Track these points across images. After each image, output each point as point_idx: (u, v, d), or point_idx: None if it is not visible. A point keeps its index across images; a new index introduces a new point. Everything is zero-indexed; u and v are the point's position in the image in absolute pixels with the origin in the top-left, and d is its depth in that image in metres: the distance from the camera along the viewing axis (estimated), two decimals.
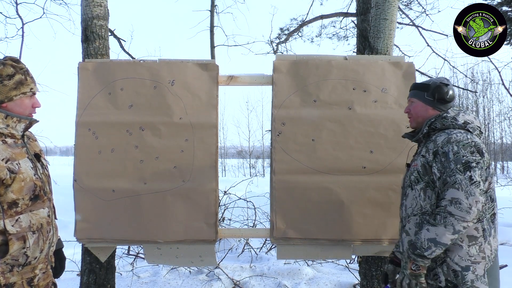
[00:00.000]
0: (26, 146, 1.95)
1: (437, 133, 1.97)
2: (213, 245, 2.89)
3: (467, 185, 1.75)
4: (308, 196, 2.82)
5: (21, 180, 1.82)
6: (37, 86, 1.99)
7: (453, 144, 1.84)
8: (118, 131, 2.88)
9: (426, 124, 2.02)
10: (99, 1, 3.21)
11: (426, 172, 1.95)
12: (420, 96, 2.09)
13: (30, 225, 1.85)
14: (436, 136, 1.95)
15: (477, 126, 1.98)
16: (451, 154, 1.83)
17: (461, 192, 1.75)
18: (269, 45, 9.73)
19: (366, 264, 3.28)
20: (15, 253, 1.80)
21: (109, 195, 2.84)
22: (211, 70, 2.94)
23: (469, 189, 1.74)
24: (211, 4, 9.35)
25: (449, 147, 1.84)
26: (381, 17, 3.21)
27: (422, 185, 1.96)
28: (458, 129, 1.93)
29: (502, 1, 8.52)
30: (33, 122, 1.98)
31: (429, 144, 1.97)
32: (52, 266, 2.05)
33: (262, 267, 4.81)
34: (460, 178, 1.76)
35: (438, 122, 1.99)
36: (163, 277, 4.56)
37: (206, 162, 2.86)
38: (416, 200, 1.99)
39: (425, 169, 1.95)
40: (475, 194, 1.74)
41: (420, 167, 1.98)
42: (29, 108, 1.95)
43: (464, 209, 1.72)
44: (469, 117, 1.98)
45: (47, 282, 2.01)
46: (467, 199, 1.73)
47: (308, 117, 2.87)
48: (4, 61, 1.88)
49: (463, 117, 1.97)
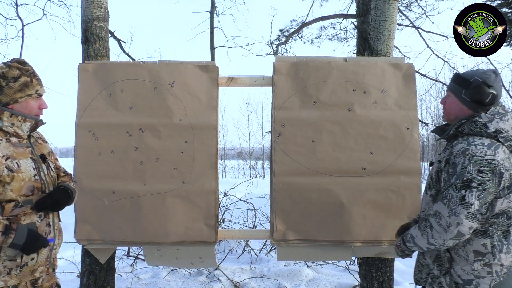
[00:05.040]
0: (32, 146, 1.97)
1: (460, 139, 1.81)
2: (213, 247, 2.89)
3: (455, 203, 1.67)
4: (308, 198, 2.82)
5: (20, 179, 1.82)
6: (43, 88, 2.01)
7: (467, 157, 1.71)
8: (118, 133, 2.88)
9: (454, 125, 1.87)
10: (99, 3, 3.21)
11: (438, 180, 1.86)
12: (458, 92, 1.90)
13: None
14: (456, 142, 1.81)
15: (511, 136, 1.78)
16: (459, 167, 1.71)
17: (446, 208, 1.69)
18: (269, 46, 9.76)
19: (366, 265, 3.28)
20: (10, 253, 1.80)
21: (109, 196, 2.84)
22: (211, 71, 2.94)
23: (455, 208, 1.67)
24: (211, 5, 9.35)
25: (461, 160, 1.72)
26: (381, 19, 3.22)
27: (433, 192, 1.90)
28: (486, 138, 1.76)
29: (502, 2, 8.53)
30: (39, 123, 2.00)
31: (447, 149, 1.84)
32: (54, 269, 2.05)
33: (262, 268, 4.81)
34: (452, 195, 1.69)
35: (466, 126, 1.82)
36: (163, 278, 4.56)
37: (206, 163, 2.86)
38: (427, 206, 1.94)
39: (438, 176, 1.86)
40: (459, 215, 1.65)
41: (434, 172, 1.89)
42: (35, 109, 1.97)
43: (442, 225, 1.69)
44: (504, 125, 1.78)
45: (51, 284, 2.02)
46: (449, 217, 1.67)
47: (308, 119, 2.87)
48: (10, 64, 1.92)
49: (496, 124, 1.77)
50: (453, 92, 1.93)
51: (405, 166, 2.82)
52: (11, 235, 1.75)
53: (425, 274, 1.95)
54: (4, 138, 1.86)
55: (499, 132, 1.77)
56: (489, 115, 1.80)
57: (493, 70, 1.88)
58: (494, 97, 1.81)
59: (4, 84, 1.86)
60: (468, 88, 1.84)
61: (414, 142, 2.84)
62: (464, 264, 1.78)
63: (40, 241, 1.85)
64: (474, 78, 1.85)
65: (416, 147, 2.84)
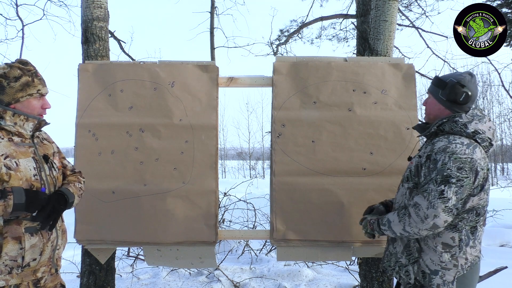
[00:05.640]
0: (35, 146, 1.97)
1: (441, 136, 1.93)
2: (213, 247, 2.89)
3: (435, 197, 1.77)
4: (308, 198, 2.82)
5: (19, 178, 1.82)
6: (46, 88, 2.01)
7: (447, 154, 1.81)
8: (118, 133, 2.88)
9: (436, 124, 1.98)
10: (99, 3, 3.22)
11: (417, 174, 1.96)
12: (435, 93, 2.03)
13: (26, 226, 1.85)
14: (437, 140, 1.91)
15: (488, 137, 1.91)
16: (440, 164, 1.81)
17: (425, 201, 1.79)
18: (269, 46, 9.77)
19: (366, 265, 3.28)
20: (12, 253, 1.80)
21: (109, 196, 2.84)
22: (211, 71, 2.94)
23: (434, 201, 1.76)
24: (211, 5, 9.36)
25: (441, 156, 1.82)
26: (381, 19, 3.22)
27: (410, 185, 2.00)
28: (465, 138, 1.88)
29: (502, 2, 8.53)
30: (42, 123, 2.00)
31: (428, 146, 1.95)
32: (57, 269, 2.04)
33: (262, 268, 4.81)
34: (432, 188, 1.79)
35: (447, 125, 1.93)
36: (163, 278, 4.56)
37: (206, 163, 2.86)
38: (402, 197, 2.05)
39: (417, 170, 1.96)
40: (437, 208, 1.75)
41: (413, 167, 1.99)
42: (37, 109, 1.98)
43: (420, 216, 1.79)
44: (482, 127, 1.90)
45: (54, 284, 2.02)
46: (427, 209, 1.77)
47: (308, 119, 2.87)
48: (11, 64, 1.94)
49: (475, 125, 1.90)
50: (431, 93, 2.06)
51: (405, 166, 2.81)
52: (10, 196, 1.72)
53: (393, 263, 2.07)
54: (6, 137, 1.87)
55: (477, 133, 1.89)
56: (469, 116, 1.93)
57: (469, 72, 2.01)
58: (468, 96, 1.93)
59: (5, 84, 1.87)
60: (444, 88, 1.98)
61: (414, 142, 2.84)
62: (432, 254, 1.89)
63: (39, 194, 1.83)
64: (449, 79, 1.99)
65: (416, 147, 2.84)
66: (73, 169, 2.21)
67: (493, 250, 5.80)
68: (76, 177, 2.16)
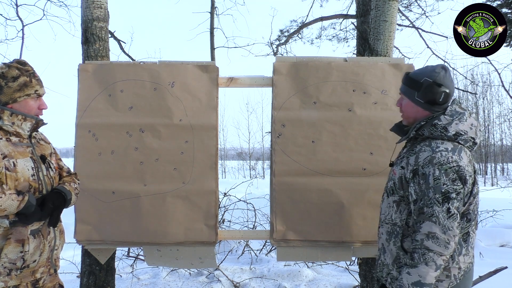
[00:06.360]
0: (32, 146, 1.97)
1: (422, 144, 1.80)
2: (213, 247, 2.89)
3: (444, 218, 1.67)
4: (308, 198, 2.81)
5: (14, 179, 1.82)
6: (44, 89, 2.02)
7: (435, 166, 1.70)
8: (118, 133, 2.88)
9: (414, 128, 1.86)
10: (99, 3, 3.21)
11: (402, 187, 1.85)
12: (410, 95, 1.88)
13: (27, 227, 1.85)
14: (420, 149, 1.79)
15: (471, 137, 1.80)
16: (431, 179, 1.70)
17: (438, 226, 1.67)
18: (269, 46, 9.77)
19: (366, 266, 3.28)
20: (11, 256, 1.80)
21: (109, 197, 2.84)
22: (211, 72, 2.94)
23: (446, 223, 1.66)
24: (211, 6, 9.35)
25: (430, 170, 1.71)
26: (381, 19, 3.22)
27: (396, 198, 1.89)
28: (447, 141, 1.77)
29: (502, 2, 8.53)
30: (40, 123, 2.00)
31: (411, 156, 1.82)
32: (56, 270, 2.04)
33: (262, 269, 4.81)
34: (438, 211, 1.67)
35: (426, 129, 1.81)
36: (163, 279, 4.56)
37: (206, 163, 2.86)
38: (389, 209, 1.94)
39: (401, 183, 1.85)
40: (453, 228, 1.66)
41: (397, 179, 1.87)
42: (34, 110, 1.98)
43: (442, 244, 1.66)
44: (463, 127, 1.79)
45: (53, 284, 2.02)
46: (444, 233, 1.66)
47: (308, 119, 2.87)
48: (10, 64, 1.94)
49: (456, 126, 1.78)
50: (406, 95, 1.92)
51: None
52: (26, 196, 1.81)
53: (385, 274, 1.96)
54: (4, 137, 1.87)
55: (459, 135, 1.78)
56: (448, 116, 1.79)
57: (442, 65, 1.87)
58: (447, 95, 1.81)
59: (3, 83, 1.87)
60: (420, 90, 1.84)
61: None
62: None
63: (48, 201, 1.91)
64: (424, 78, 1.84)
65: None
66: (68, 170, 2.22)
67: (493, 250, 5.81)
68: (71, 178, 2.17)
